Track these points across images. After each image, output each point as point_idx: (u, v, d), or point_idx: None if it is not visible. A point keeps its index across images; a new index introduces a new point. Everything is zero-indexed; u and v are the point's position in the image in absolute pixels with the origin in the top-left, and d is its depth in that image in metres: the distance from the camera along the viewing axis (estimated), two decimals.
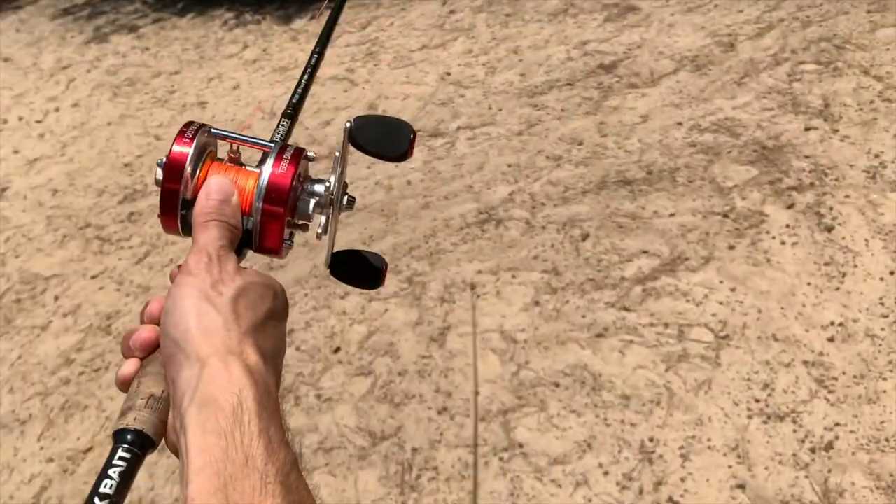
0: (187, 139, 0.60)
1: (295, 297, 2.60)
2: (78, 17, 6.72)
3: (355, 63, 4.27)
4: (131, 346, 0.55)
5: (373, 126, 0.61)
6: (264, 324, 0.54)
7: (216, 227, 0.56)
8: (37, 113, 4.78)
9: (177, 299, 0.52)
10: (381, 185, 3.11)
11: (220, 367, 0.48)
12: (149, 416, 0.50)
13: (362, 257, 0.67)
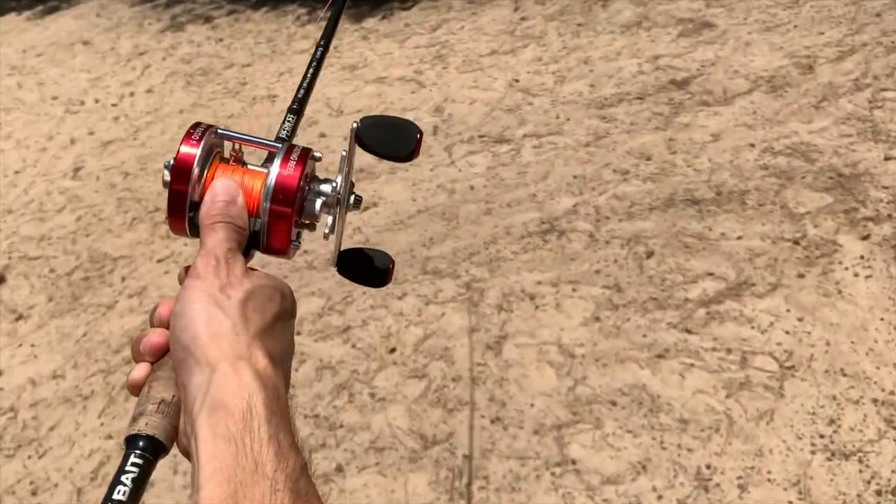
0: (195, 140, 0.60)
1: (353, 294, 2.62)
2: (156, 5, 6.90)
3: (423, 65, 4.29)
4: (141, 351, 0.56)
5: (379, 127, 0.62)
6: (272, 326, 0.54)
7: (223, 229, 0.57)
8: (112, 97, 4.92)
9: (186, 303, 0.52)
10: (443, 188, 3.12)
11: (229, 371, 0.48)
12: (160, 421, 0.51)
13: (369, 256, 0.67)
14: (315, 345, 2.43)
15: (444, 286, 2.55)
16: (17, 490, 2.13)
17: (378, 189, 3.21)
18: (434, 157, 3.35)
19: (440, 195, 3.07)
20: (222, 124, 3.52)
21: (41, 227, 3.52)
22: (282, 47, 5.10)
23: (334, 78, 4.41)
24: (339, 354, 2.37)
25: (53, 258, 3.24)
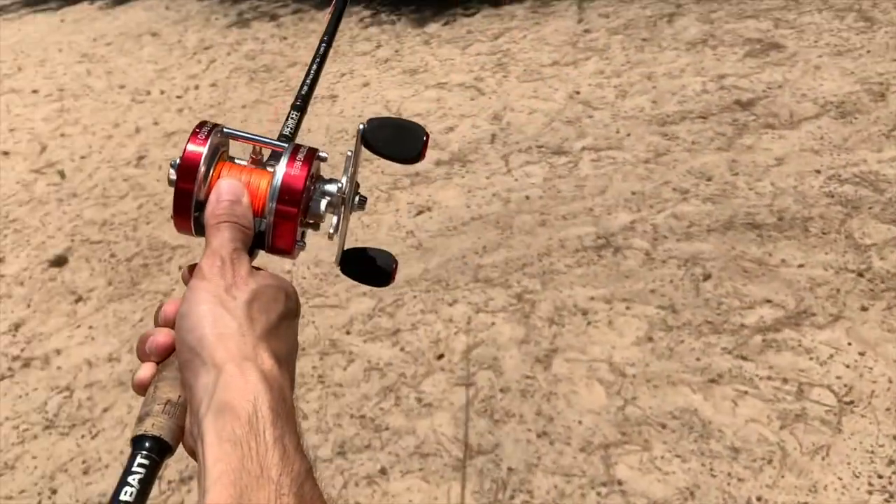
0: (201, 139, 0.60)
1: (404, 297, 2.63)
2: (224, 1, 7.04)
3: (484, 72, 4.30)
4: (147, 351, 0.56)
5: (386, 128, 0.61)
6: (277, 326, 0.54)
7: (228, 229, 0.57)
8: (177, 88, 5.04)
9: (192, 304, 0.53)
10: (498, 196, 3.11)
11: (235, 373, 0.48)
12: (166, 422, 0.51)
13: (372, 256, 0.66)
14: (364, 345, 2.45)
15: (496, 295, 2.55)
16: (70, 468, 2.19)
17: (433, 194, 3.23)
18: (490, 165, 3.35)
19: (495, 204, 3.07)
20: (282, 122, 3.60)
21: (104, 212, 3.61)
22: (344, 48, 5.16)
23: (395, 81, 4.44)
24: (388, 357, 2.38)
25: (114, 243, 3.32)
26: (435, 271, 2.73)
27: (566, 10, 4.96)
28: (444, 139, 3.66)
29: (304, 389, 2.31)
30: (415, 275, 2.73)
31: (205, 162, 0.59)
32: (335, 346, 2.47)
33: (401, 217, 3.11)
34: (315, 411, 2.23)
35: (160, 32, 6.43)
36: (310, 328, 2.57)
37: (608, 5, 4.88)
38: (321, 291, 2.74)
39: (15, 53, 6.93)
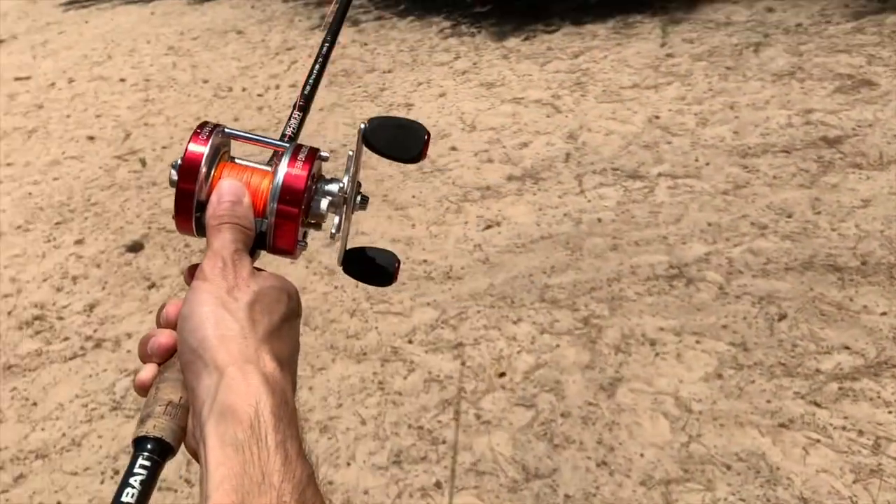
0: (202, 139, 0.60)
1: (468, 311, 2.62)
2: (308, 3, 7.19)
3: (562, 90, 4.27)
4: (149, 352, 0.56)
5: (387, 128, 0.61)
6: (279, 328, 0.54)
7: (229, 230, 0.56)
8: (259, 87, 5.15)
9: (194, 305, 0.52)
10: (569, 216, 3.08)
11: (238, 376, 0.48)
12: (168, 423, 0.51)
13: (375, 256, 0.65)
14: (425, 356, 2.45)
15: (562, 317, 2.52)
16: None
17: (503, 209, 3.21)
18: (563, 184, 3.32)
19: (566, 224, 3.04)
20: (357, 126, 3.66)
21: None
22: (423, 57, 5.20)
23: (471, 93, 4.45)
24: (449, 370, 2.37)
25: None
26: (501, 287, 2.71)
27: (649, 33, 4.90)
28: (517, 155, 3.65)
29: (364, 394, 2.32)
30: (480, 289, 2.72)
31: (206, 162, 0.59)
32: (397, 353, 2.48)
33: (469, 230, 3.10)
34: (373, 417, 2.23)
35: (245, 31, 6.60)
36: (372, 333, 2.59)
37: (693, 31, 4.80)
38: (386, 297, 2.75)
39: (106, 42, 7.21)
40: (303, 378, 2.42)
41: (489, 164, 3.60)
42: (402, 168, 3.68)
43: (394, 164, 3.73)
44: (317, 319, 2.70)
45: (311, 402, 2.32)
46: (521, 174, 3.47)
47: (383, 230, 3.19)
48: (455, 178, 3.51)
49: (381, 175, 3.64)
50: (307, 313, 2.74)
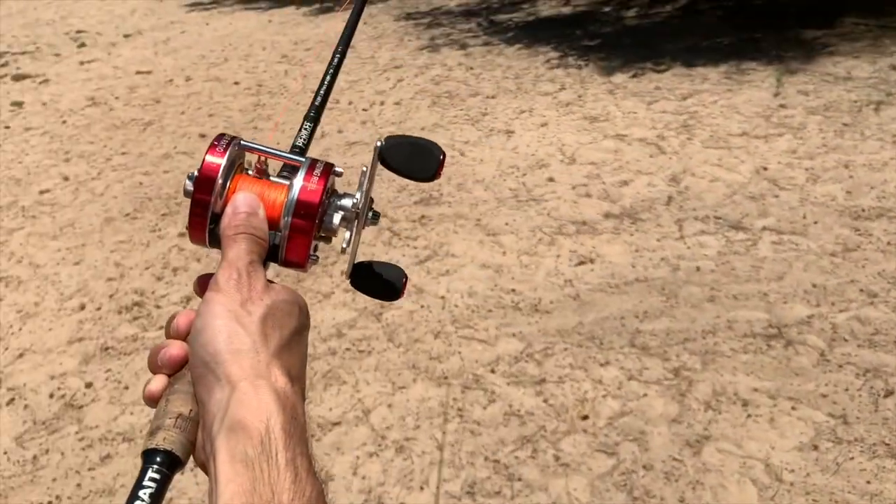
0: (220, 151, 0.59)
1: (554, 347, 2.59)
2: (418, 24, 7.33)
3: (668, 131, 4.20)
4: (159, 363, 0.55)
5: (403, 147, 0.61)
6: (290, 341, 0.54)
7: (244, 241, 0.56)
8: (364, 102, 5.27)
9: (207, 318, 0.52)
10: (667, 261, 3.01)
11: (249, 391, 0.48)
12: (177, 436, 0.51)
13: (383, 270, 0.66)
14: (507, 388, 2.42)
15: (651, 365, 2.45)
16: None
17: (597, 246, 3.17)
18: (663, 227, 3.25)
19: (662, 268, 2.97)
20: (457, 148, 3.66)
21: None
22: (527, 86, 5.21)
23: (573, 126, 4.43)
24: (530, 406, 2.34)
25: None
26: (590, 327, 2.67)
27: (762, 81, 4.77)
28: (616, 192, 3.60)
29: (442, 419, 2.31)
30: (568, 326, 2.68)
31: (223, 174, 0.59)
32: (478, 382, 2.46)
33: (561, 264, 3.07)
34: (450, 444, 2.22)
35: (355, 46, 6.76)
36: (455, 358, 2.58)
37: (809, 83, 4.64)
38: (471, 323, 2.75)
39: (224, 45, 7.53)
40: (383, 394, 2.43)
41: (587, 199, 3.56)
42: (497, 194, 3.69)
43: (489, 188, 3.74)
44: (401, 337, 2.71)
45: (389, 420, 2.33)
46: (619, 212, 3.41)
47: (473, 254, 3.19)
48: (551, 209, 3.49)
49: (476, 199, 3.65)
50: (392, 329, 2.76)
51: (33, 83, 6.81)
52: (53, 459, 2.33)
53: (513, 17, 7.20)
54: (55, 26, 9.80)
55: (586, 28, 6.51)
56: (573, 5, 7.37)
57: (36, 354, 2.84)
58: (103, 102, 5.91)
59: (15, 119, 5.80)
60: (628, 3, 7.16)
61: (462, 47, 6.31)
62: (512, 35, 6.53)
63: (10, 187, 4.44)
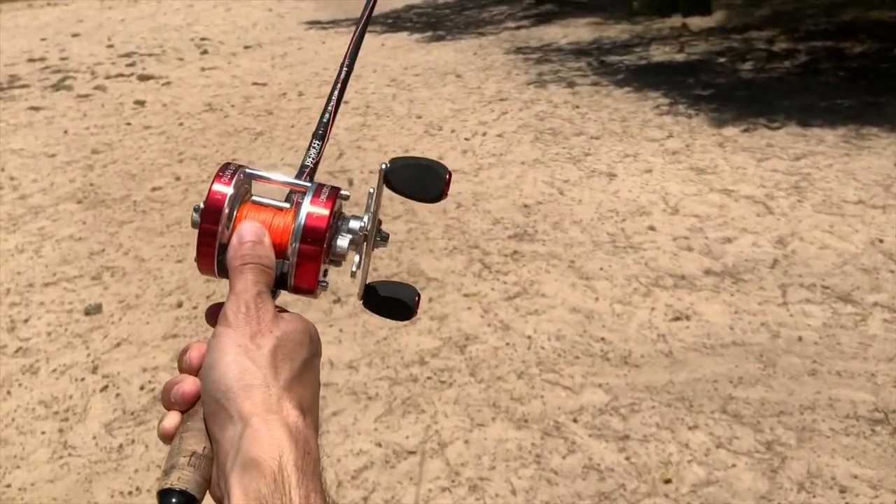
0: (226, 180, 0.58)
1: (641, 404, 2.50)
2: (528, 59, 7.36)
3: (778, 191, 4.04)
4: (172, 400, 0.54)
5: (408, 168, 0.60)
6: (301, 373, 0.54)
7: (251, 271, 0.55)
8: (466, 131, 5.31)
9: (216, 354, 0.52)
10: (767, 327, 2.88)
11: (261, 427, 0.48)
12: (192, 475, 0.50)
13: (395, 290, 0.64)
14: (588, 440, 2.35)
15: (743, 435, 2.33)
16: None
17: (695, 303, 3.06)
18: (765, 291, 3.11)
19: (762, 334, 2.84)
20: (556, 186, 3.63)
21: None
22: (633, 130, 5.13)
23: (679, 175, 4.33)
24: (611, 461, 2.26)
25: (378, 259, 3.53)
26: (681, 387, 2.57)
27: (884, 149, 4.54)
28: (718, 249, 3.48)
29: (519, 463, 2.26)
30: (658, 383, 2.59)
31: (229, 203, 0.58)
32: (559, 430, 2.40)
33: (655, 317, 2.98)
34: (525, 490, 2.17)
35: (464, 75, 6.85)
36: (537, 402, 2.53)
37: None
38: (557, 368, 2.69)
39: (337, 64, 7.71)
40: (461, 429, 2.41)
41: (687, 253, 3.45)
42: (594, 237, 3.63)
43: (586, 230, 3.69)
44: (483, 372, 2.69)
45: (465, 456, 2.30)
46: (720, 270, 3.29)
47: (565, 296, 3.14)
48: (649, 259, 3.40)
49: (571, 240, 3.60)
50: (475, 363, 2.74)
51: (156, 84, 7.19)
52: (138, 451, 2.40)
53: (624, 59, 7.14)
54: (181, 32, 10.35)
55: (699, 77, 6.39)
56: (687, 53, 7.26)
57: (132, 345, 2.95)
58: (219, 109, 6.18)
59: (136, 117, 6.12)
60: (744, 55, 6.99)
61: (570, 85, 6.29)
62: (622, 77, 6.47)
63: (126, 181, 4.67)
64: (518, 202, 4.07)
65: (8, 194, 4.63)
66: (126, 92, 6.99)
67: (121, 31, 11.23)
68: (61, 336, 3.04)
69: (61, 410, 2.60)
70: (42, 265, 3.65)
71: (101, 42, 10.31)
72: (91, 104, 6.63)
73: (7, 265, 3.69)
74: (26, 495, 2.23)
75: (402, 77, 6.93)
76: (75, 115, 6.29)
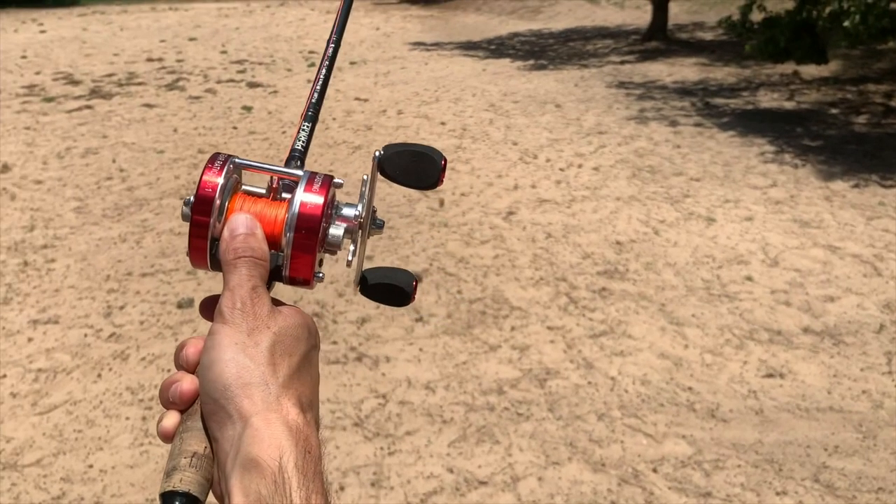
0: (216, 170, 0.56)
1: (727, 461, 2.38)
2: (629, 94, 7.26)
3: (888, 253, 3.82)
4: (171, 399, 0.53)
5: (402, 155, 0.58)
6: (299, 368, 0.52)
7: (245, 265, 0.54)
8: (562, 161, 5.26)
9: (214, 352, 0.51)
10: (869, 396, 2.70)
11: (261, 426, 0.48)
12: (193, 475, 0.50)
13: (391, 275, 0.62)
14: (668, 493, 2.25)
15: None
16: (362, 473, 2.31)
17: (790, 362, 2.91)
18: (869, 357, 2.93)
19: (863, 402, 2.67)
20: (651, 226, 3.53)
21: (465, 249, 3.86)
22: (736, 175, 4.97)
23: (781, 226, 4.15)
24: None
25: (464, 282, 3.51)
26: (769, 448, 2.43)
27: None
28: (819, 307, 3.31)
29: None
30: (746, 442, 2.46)
31: (220, 194, 0.56)
32: (637, 478, 2.31)
33: (747, 372, 2.84)
34: None
35: (563, 105, 6.81)
36: (616, 447, 2.44)
37: None
38: (640, 413, 2.60)
39: (437, 86, 7.85)
40: (535, 465, 2.34)
41: (785, 308, 3.29)
42: (687, 281, 3.51)
43: (680, 274, 3.57)
44: (563, 409, 2.62)
45: (537, 493, 2.23)
46: (820, 330, 3.12)
47: (653, 340, 3.03)
48: (744, 310, 3.26)
49: (664, 283, 3.49)
50: (554, 399, 2.67)
51: (264, 92, 7.45)
52: None
53: (730, 102, 6.96)
54: (291, 44, 10.72)
55: (808, 127, 6.15)
56: (797, 101, 7.01)
57: None
58: (320, 121, 6.31)
59: (242, 121, 6.34)
60: (859, 108, 6.70)
61: (672, 124, 6.16)
62: (726, 120, 6.30)
63: None
64: (610, 238, 3.99)
65: (117, 185, 4.86)
66: (235, 97, 7.26)
67: (235, 38, 11.72)
68: (153, 326, 3.14)
69: (146, 399, 2.67)
70: (141, 256, 3.80)
71: (216, 48, 10.78)
72: (201, 106, 6.92)
73: (109, 252, 3.85)
74: (107, 477, 2.30)
75: (500, 103, 6.95)
76: (186, 115, 6.57)
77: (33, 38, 12.51)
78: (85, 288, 3.48)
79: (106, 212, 4.40)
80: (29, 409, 2.62)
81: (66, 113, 6.86)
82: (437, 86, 7.77)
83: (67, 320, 3.19)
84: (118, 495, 2.23)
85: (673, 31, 10.89)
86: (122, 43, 11.69)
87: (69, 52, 10.71)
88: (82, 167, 5.24)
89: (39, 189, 4.81)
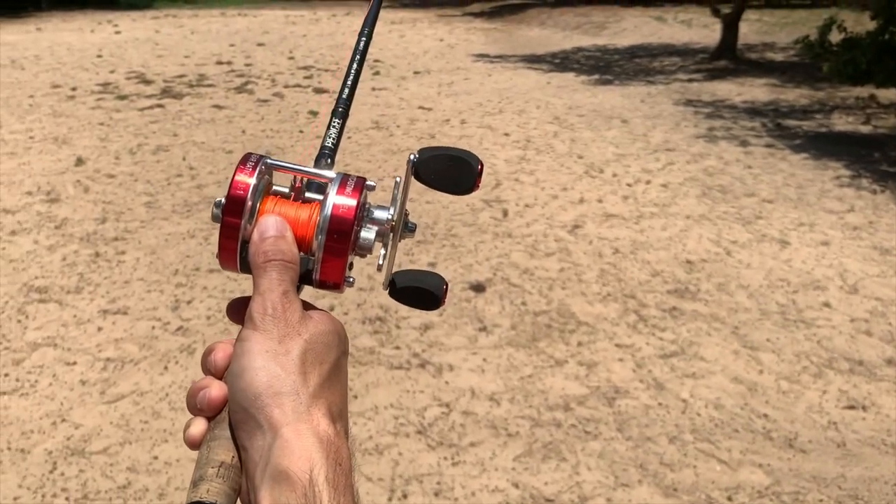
0: (248, 170, 0.55)
1: (807, 495, 2.26)
2: (698, 112, 7.12)
3: None
4: (198, 405, 0.51)
5: (438, 159, 0.56)
6: (330, 376, 0.51)
7: (275, 269, 0.52)
8: (629, 177, 5.16)
9: (245, 359, 0.49)
10: None
11: (291, 438, 0.46)
12: (220, 486, 0.48)
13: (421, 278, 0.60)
14: None
15: None
16: (425, 482, 2.26)
17: (873, 394, 2.77)
18: None
19: None
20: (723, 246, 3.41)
21: (529, 261, 3.80)
22: (810, 198, 4.81)
23: (859, 253, 3.99)
24: None
25: (529, 293, 3.45)
26: (853, 484, 2.31)
27: None
28: None
29: None
30: (827, 475, 2.34)
31: (252, 195, 0.54)
32: None
33: (827, 402, 2.71)
34: None
35: (630, 121, 6.70)
36: (688, 471, 2.35)
37: None
38: (713, 438, 2.49)
39: (501, 97, 7.82)
40: (603, 486, 2.26)
41: (866, 337, 3.14)
42: (762, 304, 3.38)
43: (753, 297, 3.45)
44: (633, 430, 2.53)
45: None
46: None
47: (726, 363, 2.92)
48: (822, 337, 3.12)
49: (737, 305, 3.38)
50: (623, 419, 2.59)
51: (330, 98, 7.51)
52: None
53: (802, 124, 6.76)
54: None
55: (887, 152, 5.93)
56: (874, 125, 6.77)
57: None
58: (385, 128, 6.36)
59: (308, 126, 6.41)
60: None
61: (742, 144, 6.00)
62: (799, 143, 6.11)
63: None
64: (680, 257, 3.88)
65: (186, 182, 4.94)
66: (301, 102, 7.35)
67: (302, 45, 11.91)
68: (219, 322, 3.15)
69: None
70: (209, 252, 3.84)
71: (283, 53, 10.96)
72: (269, 109, 7.02)
73: (177, 247, 3.90)
74: (171, 470, 2.30)
75: (565, 116, 6.88)
76: (254, 118, 6.67)
77: (108, 38, 12.92)
78: (154, 281, 3.52)
79: (175, 208, 4.47)
80: (97, 398, 2.65)
81: (139, 111, 7.04)
82: (500, 97, 7.74)
83: (136, 312, 3.23)
84: (182, 488, 2.22)
85: (742, 50, 10.68)
86: (192, 46, 11.98)
87: (142, 53, 11.03)
88: (153, 163, 5.35)
89: (111, 183, 4.92)
